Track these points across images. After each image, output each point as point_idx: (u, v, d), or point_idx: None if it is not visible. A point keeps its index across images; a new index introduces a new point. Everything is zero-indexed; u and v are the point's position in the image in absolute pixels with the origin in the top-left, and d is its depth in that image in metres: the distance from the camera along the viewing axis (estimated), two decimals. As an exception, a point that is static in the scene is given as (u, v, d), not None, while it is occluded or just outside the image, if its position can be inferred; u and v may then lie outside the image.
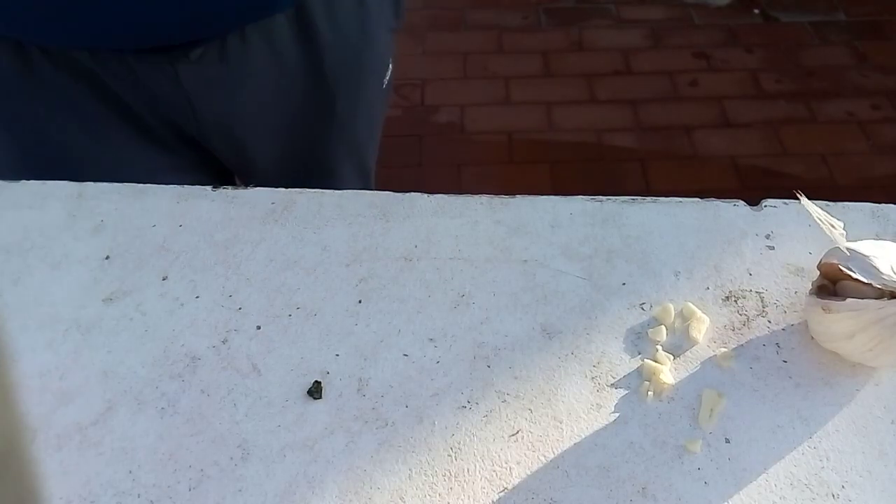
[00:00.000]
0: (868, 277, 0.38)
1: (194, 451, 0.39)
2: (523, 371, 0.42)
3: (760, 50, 1.88)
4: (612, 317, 0.44)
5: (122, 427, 0.40)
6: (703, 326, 0.43)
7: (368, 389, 0.41)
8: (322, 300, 0.45)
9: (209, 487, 0.38)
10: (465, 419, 0.40)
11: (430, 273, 0.46)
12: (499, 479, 0.38)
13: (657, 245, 0.47)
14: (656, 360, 0.42)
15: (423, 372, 0.42)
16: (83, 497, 0.38)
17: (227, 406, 0.41)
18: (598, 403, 0.40)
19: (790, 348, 0.42)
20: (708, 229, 0.48)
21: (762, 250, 0.47)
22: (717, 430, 0.39)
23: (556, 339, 0.43)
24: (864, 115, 1.70)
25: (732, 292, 0.45)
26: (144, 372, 0.42)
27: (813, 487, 0.37)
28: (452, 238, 0.48)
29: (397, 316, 0.44)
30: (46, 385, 0.42)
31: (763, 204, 0.49)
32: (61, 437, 0.40)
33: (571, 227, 0.49)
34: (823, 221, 0.40)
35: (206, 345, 0.43)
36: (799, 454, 0.38)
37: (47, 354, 0.43)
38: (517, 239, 0.48)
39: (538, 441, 0.39)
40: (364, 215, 0.49)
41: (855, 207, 0.49)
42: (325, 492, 0.38)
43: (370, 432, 0.40)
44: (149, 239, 0.49)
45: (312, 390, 0.41)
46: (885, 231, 0.47)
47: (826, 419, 0.39)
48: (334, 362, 0.42)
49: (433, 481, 0.38)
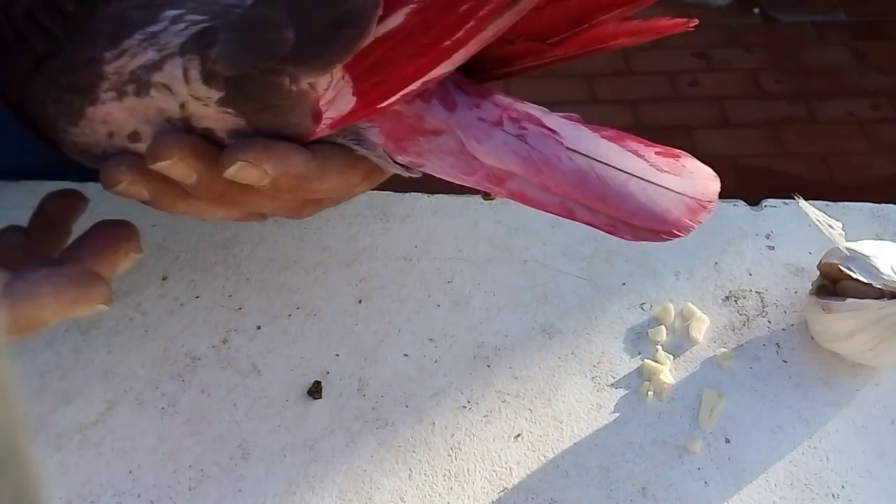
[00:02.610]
0: (868, 277, 0.38)
1: (194, 451, 0.39)
2: (523, 371, 0.42)
3: (760, 50, 1.88)
4: (612, 317, 0.44)
5: (122, 427, 0.40)
6: (703, 326, 0.43)
7: (368, 389, 0.41)
8: (322, 300, 0.45)
9: (209, 487, 0.38)
10: (465, 419, 0.40)
11: (430, 273, 0.46)
12: (499, 480, 0.38)
13: (657, 245, 0.47)
14: (656, 360, 0.42)
15: (423, 372, 0.42)
16: (83, 497, 0.38)
17: (227, 406, 0.41)
18: (598, 403, 0.40)
19: (790, 348, 0.42)
20: (708, 229, 0.48)
21: (762, 250, 0.47)
22: (717, 430, 0.39)
23: (556, 338, 0.43)
24: (864, 115, 1.70)
25: (732, 292, 0.45)
26: (144, 372, 0.42)
27: (813, 487, 0.37)
28: (452, 238, 0.48)
29: (397, 316, 0.44)
30: (46, 385, 0.42)
31: (763, 204, 0.49)
32: (61, 437, 0.40)
33: (571, 226, 0.48)
34: (822, 222, 0.40)
35: (206, 345, 0.43)
36: (799, 454, 0.38)
37: (47, 354, 0.43)
38: (517, 239, 0.48)
39: (538, 441, 0.39)
40: (364, 215, 0.49)
41: (855, 207, 0.49)
42: (325, 492, 0.38)
43: (370, 432, 0.40)
44: (149, 239, 0.49)
45: (312, 390, 0.41)
46: (885, 231, 0.47)
47: (826, 419, 0.39)
48: (334, 362, 0.42)
49: (433, 481, 0.38)
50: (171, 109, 0.32)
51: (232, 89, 0.31)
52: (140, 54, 0.31)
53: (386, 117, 0.32)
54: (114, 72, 0.32)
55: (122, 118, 0.33)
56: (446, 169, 0.32)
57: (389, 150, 0.32)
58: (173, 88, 0.31)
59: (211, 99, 0.31)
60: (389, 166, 0.33)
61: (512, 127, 0.32)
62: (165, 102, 0.32)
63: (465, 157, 0.32)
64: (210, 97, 0.31)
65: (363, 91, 0.30)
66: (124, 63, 0.32)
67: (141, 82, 0.32)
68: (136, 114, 0.32)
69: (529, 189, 0.32)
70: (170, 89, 0.31)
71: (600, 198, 0.31)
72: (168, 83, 0.31)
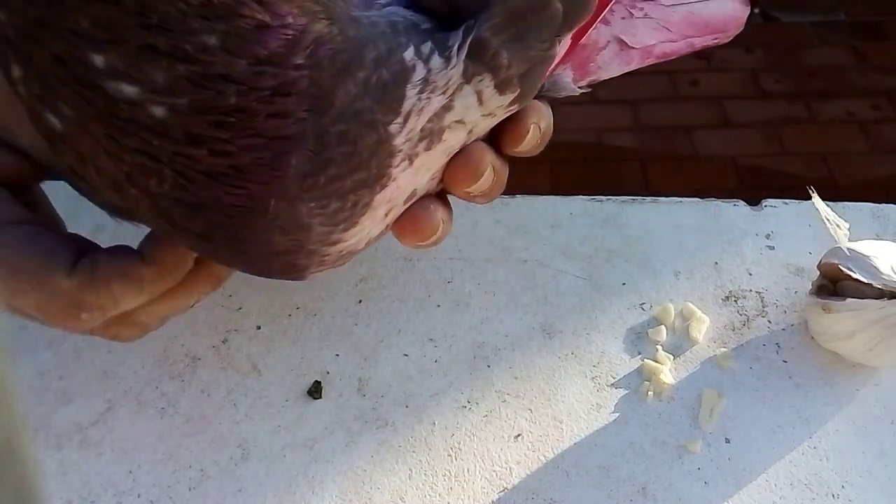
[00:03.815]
0: (868, 277, 0.38)
1: (194, 451, 0.39)
2: (523, 371, 0.42)
3: (760, 50, 1.88)
4: (612, 317, 0.44)
5: (122, 427, 0.40)
6: (703, 326, 0.43)
7: (368, 389, 0.41)
8: (322, 300, 0.45)
9: (209, 487, 0.38)
10: (465, 419, 0.40)
11: (430, 273, 0.46)
12: (499, 479, 0.38)
13: (657, 245, 0.47)
14: (656, 360, 0.42)
15: (423, 372, 0.42)
16: (83, 497, 0.38)
17: (227, 406, 0.41)
18: (598, 403, 0.40)
19: (790, 348, 0.42)
20: (708, 229, 0.48)
21: (762, 250, 0.47)
22: (717, 430, 0.39)
23: (556, 339, 0.43)
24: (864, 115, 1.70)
25: (732, 292, 0.45)
26: (144, 372, 0.42)
27: (813, 487, 0.37)
28: (452, 238, 0.48)
29: (397, 316, 0.44)
30: (46, 385, 0.42)
31: (763, 204, 0.49)
32: (61, 437, 0.40)
33: (571, 226, 0.49)
34: (830, 221, 0.40)
35: (206, 345, 0.43)
36: (799, 454, 0.38)
37: (47, 354, 0.43)
38: (517, 239, 0.48)
39: (538, 441, 0.39)
40: (364, 215, 0.49)
41: (855, 207, 0.49)
42: (325, 492, 0.38)
43: (370, 432, 0.40)
44: (149, 239, 0.49)
45: (312, 390, 0.41)
46: (885, 231, 0.47)
47: (826, 419, 0.39)
48: (334, 362, 0.42)
49: (433, 481, 0.38)
50: (459, 142, 0.30)
51: (525, 83, 0.30)
52: (426, 107, 0.28)
53: (574, 54, 0.35)
54: (405, 140, 0.28)
55: (406, 184, 0.29)
56: (613, 69, 0.38)
57: (577, 81, 0.37)
58: (467, 119, 0.29)
59: (502, 106, 0.30)
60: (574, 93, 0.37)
61: (638, 13, 0.39)
62: (456, 138, 0.30)
63: (625, 52, 0.38)
64: (502, 104, 0.30)
65: (576, 31, 0.32)
66: (413, 125, 0.28)
67: (433, 133, 0.29)
68: (422, 169, 0.29)
69: (666, 47, 0.40)
70: (463, 122, 0.29)
71: (704, 26, 0.40)
72: (462, 117, 0.29)
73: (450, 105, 0.28)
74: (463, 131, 0.30)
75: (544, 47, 0.30)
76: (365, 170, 0.27)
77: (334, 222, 0.28)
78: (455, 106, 0.29)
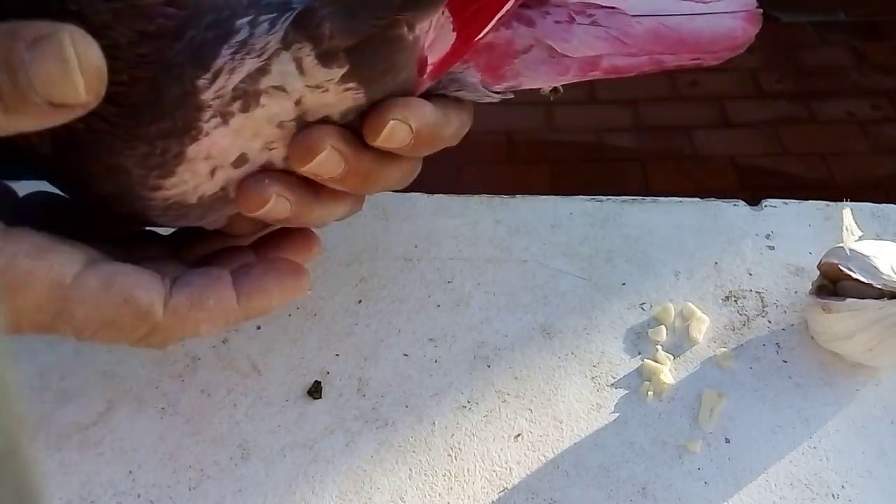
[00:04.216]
0: (868, 277, 0.38)
1: (194, 451, 0.39)
2: (523, 371, 0.42)
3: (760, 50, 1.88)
4: (612, 317, 0.44)
5: (122, 427, 0.40)
6: (703, 326, 0.43)
7: (368, 389, 0.41)
8: (322, 300, 0.45)
9: (209, 487, 0.38)
10: (465, 419, 0.40)
11: (430, 273, 0.46)
12: (499, 479, 0.38)
13: (657, 245, 0.47)
14: (656, 360, 0.42)
15: (423, 372, 0.42)
16: (83, 497, 0.38)
17: (227, 406, 0.41)
18: (598, 403, 0.40)
19: (790, 348, 0.42)
20: (708, 229, 0.48)
21: (762, 250, 0.47)
22: (717, 430, 0.39)
23: (556, 339, 0.43)
24: (864, 115, 1.70)
25: (732, 292, 0.45)
26: (144, 372, 0.42)
27: (813, 487, 0.37)
28: (452, 238, 0.48)
29: (397, 316, 0.44)
30: (46, 385, 0.42)
31: (763, 204, 0.49)
32: (61, 436, 0.40)
33: (571, 226, 0.49)
34: (848, 229, 0.40)
35: (206, 345, 0.43)
36: (799, 454, 0.38)
37: (47, 354, 0.43)
38: (517, 239, 0.48)
39: (538, 441, 0.39)
40: (363, 215, 0.49)
41: (855, 207, 0.49)
42: (325, 492, 0.38)
43: (370, 432, 0.40)
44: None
45: (312, 390, 0.41)
46: (885, 231, 0.47)
47: (826, 419, 0.39)
48: (334, 362, 0.42)
49: (433, 481, 0.38)
50: (284, 111, 0.30)
51: (355, 59, 0.30)
52: (238, 67, 0.29)
53: (479, 53, 0.33)
54: (214, 97, 0.29)
55: (227, 144, 0.30)
56: (541, 78, 0.35)
57: (487, 84, 0.35)
58: (287, 87, 0.30)
59: (332, 80, 0.30)
60: (487, 99, 0.35)
61: (583, 18, 0.35)
62: (278, 105, 0.30)
63: (557, 59, 0.35)
64: (331, 79, 0.30)
65: (462, 25, 0.31)
66: (223, 83, 0.29)
67: (248, 95, 0.30)
68: (244, 132, 0.30)
69: (618, 60, 0.36)
70: (283, 89, 0.30)
71: (678, 43, 0.36)
72: (280, 83, 0.30)
73: (266, 69, 0.29)
74: (286, 100, 0.30)
75: (379, 24, 0.29)
76: (170, 119, 0.29)
77: (147, 166, 0.30)
78: (272, 70, 0.29)
